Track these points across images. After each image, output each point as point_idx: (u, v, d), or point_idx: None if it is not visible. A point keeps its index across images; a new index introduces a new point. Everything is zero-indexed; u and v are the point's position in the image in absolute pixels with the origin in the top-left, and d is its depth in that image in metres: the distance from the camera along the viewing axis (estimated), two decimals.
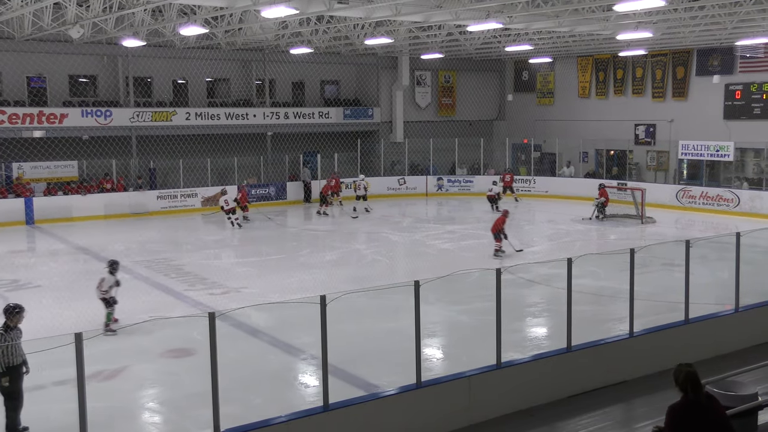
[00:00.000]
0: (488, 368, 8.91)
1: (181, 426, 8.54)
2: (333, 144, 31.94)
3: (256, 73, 31.38)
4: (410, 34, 26.67)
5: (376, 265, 18.19)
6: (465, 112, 36.81)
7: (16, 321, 8.54)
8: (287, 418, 7.60)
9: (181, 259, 18.79)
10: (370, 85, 34.36)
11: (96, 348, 6.99)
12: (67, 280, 16.75)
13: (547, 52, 31.85)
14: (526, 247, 20.35)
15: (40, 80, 26.96)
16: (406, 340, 8.52)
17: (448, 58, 33.84)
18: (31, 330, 12.14)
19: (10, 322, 8.52)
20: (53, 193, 25.57)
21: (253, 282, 15.91)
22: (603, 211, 24.59)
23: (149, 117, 27.95)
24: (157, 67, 28.64)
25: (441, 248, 20.30)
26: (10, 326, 8.47)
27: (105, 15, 20.36)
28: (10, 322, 8.52)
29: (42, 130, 25.80)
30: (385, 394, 8.43)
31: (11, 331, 8.42)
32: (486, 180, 32.09)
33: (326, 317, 7.58)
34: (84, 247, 20.50)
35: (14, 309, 8.59)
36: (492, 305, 8.95)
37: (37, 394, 9.64)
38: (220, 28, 23.54)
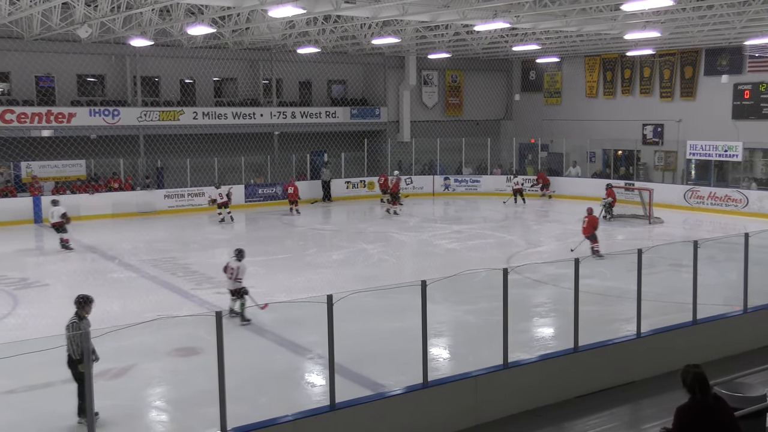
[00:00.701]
0: (495, 368, 8.90)
1: (188, 424, 8.55)
2: (340, 143, 31.96)
3: (263, 73, 31.41)
4: (417, 33, 26.65)
5: (382, 265, 18.18)
6: (472, 112, 36.77)
7: (87, 311, 8.80)
8: (294, 418, 7.61)
9: (188, 258, 18.83)
10: (377, 85, 34.35)
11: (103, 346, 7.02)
12: (74, 279, 16.81)
13: (554, 52, 31.79)
14: (533, 247, 20.33)
15: (48, 80, 27.06)
16: (413, 340, 8.51)
17: (455, 58, 33.81)
18: (38, 328, 12.23)
19: (82, 312, 8.78)
20: (61, 192, 25.64)
21: (260, 281, 15.90)
22: (610, 211, 24.50)
23: (157, 116, 28.02)
24: (164, 66, 28.71)
25: (448, 248, 20.28)
26: (81, 316, 8.73)
27: (113, 15, 20.41)
28: (82, 311, 8.78)
29: (50, 129, 25.90)
30: (391, 394, 8.42)
31: (83, 320, 8.68)
32: (493, 180, 32.09)
33: (333, 316, 7.58)
34: (92, 245, 20.56)
35: (86, 299, 8.84)
36: (499, 305, 8.93)
37: (45, 392, 9.69)
38: (227, 27, 23.58)
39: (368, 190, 31.50)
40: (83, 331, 8.22)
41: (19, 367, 9.32)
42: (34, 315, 13.40)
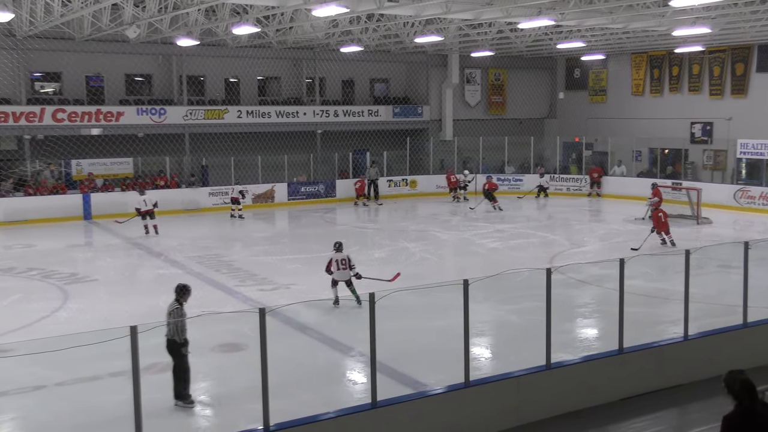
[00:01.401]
0: (537, 369, 8.81)
1: (231, 420, 8.65)
2: (382, 142, 32.02)
3: (306, 72, 31.63)
4: (460, 31, 26.55)
5: (424, 264, 18.15)
6: (515, 110, 36.46)
7: (186, 299, 9.23)
8: (335, 415, 7.64)
9: (231, 255, 19.06)
10: (420, 83, 34.30)
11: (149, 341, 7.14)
12: (122, 275, 17.17)
13: (599, 49, 31.32)
14: (577, 247, 20.08)
15: (98, 79, 27.69)
16: (454, 339, 8.48)
17: (499, 56, 33.56)
18: (87, 322, 12.53)
19: (181, 299, 9.19)
20: (110, 190, 26.20)
21: (302, 278, 16.04)
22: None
23: (202, 115, 28.44)
24: (209, 65, 29.12)
25: (490, 247, 20.15)
26: (181, 303, 9.19)
27: (160, 15, 20.79)
28: (181, 299, 9.20)
29: (99, 128, 26.50)
30: (432, 393, 8.41)
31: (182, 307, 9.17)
32: (536, 178, 31.77)
33: (375, 314, 7.59)
34: (138, 242, 20.96)
35: (185, 288, 9.27)
36: (541, 305, 8.85)
37: (93, 384, 9.91)
38: (271, 27, 23.82)
39: (410, 188, 31.50)
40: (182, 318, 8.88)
41: (68, 360, 9.59)
42: (84, 309, 13.73)
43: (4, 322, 12.70)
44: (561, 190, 31.43)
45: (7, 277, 16.66)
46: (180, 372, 9.04)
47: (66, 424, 8.74)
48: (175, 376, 9.07)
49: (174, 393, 9.02)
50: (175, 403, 9.01)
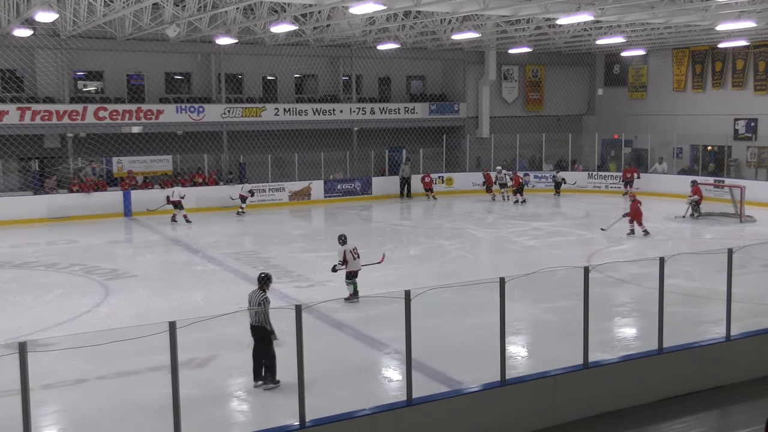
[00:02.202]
0: (575, 368, 8.71)
1: (268, 415, 8.72)
2: (418, 139, 31.95)
3: (343, 69, 31.71)
4: (497, 28, 26.35)
5: (460, 261, 18.07)
6: (553, 107, 36.09)
7: (268, 287, 9.85)
8: (371, 412, 7.65)
9: (268, 252, 19.20)
10: (456, 80, 34.15)
11: (187, 337, 7.22)
12: (161, 271, 17.41)
13: (640, 45, 30.83)
14: (615, 245, 19.81)
15: (138, 78, 28.13)
16: (490, 337, 8.43)
17: (536, 52, 33.23)
18: (127, 317, 12.74)
19: (266, 288, 9.79)
20: (149, 187, 26.60)
21: (338, 276, 16.05)
22: (698, 209, 23.58)
23: (240, 113, 28.71)
24: (247, 64, 29.37)
25: (526, 245, 19.99)
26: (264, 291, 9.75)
27: (199, 14, 21.03)
28: (266, 287, 9.79)
29: (140, 125, 26.93)
30: (468, 391, 8.37)
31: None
32: (574, 176, 31.42)
33: (410, 312, 7.58)
34: (177, 238, 21.24)
35: (267, 277, 9.93)
36: (578, 304, 8.74)
37: (132, 379, 10.08)
38: (308, 24, 23.93)
39: (446, 186, 31.39)
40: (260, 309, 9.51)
41: (109, 354, 9.75)
42: (124, 304, 13.96)
43: (48, 317, 12.99)
44: (599, 188, 31.01)
45: (50, 272, 17.03)
46: (268, 357, 9.57)
47: (106, 417, 8.90)
48: (256, 359, 9.63)
49: (253, 376, 9.60)
50: (256, 384, 9.60)
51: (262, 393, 9.65)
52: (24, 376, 6.13)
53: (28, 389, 6.16)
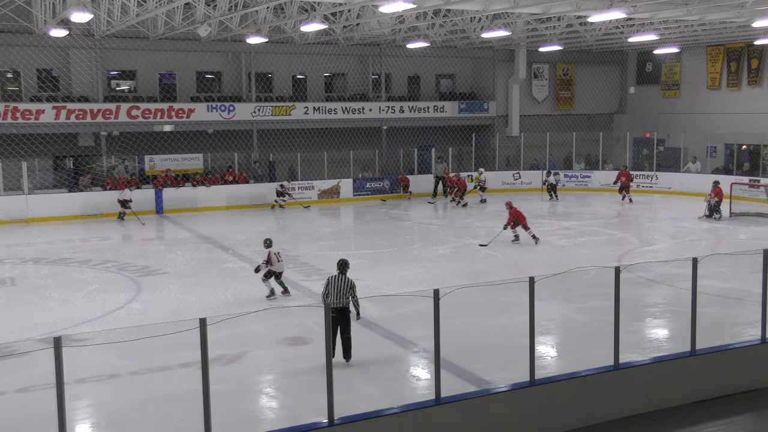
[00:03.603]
0: (605, 369, 8.63)
1: (296, 412, 8.77)
2: (447, 138, 31.87)
3: (372, 68, 31.75)
4: (528, 26, 26.19)
5: (489, 260, 17.99)
6: (584, 106, 35.77)
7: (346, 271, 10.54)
8: (399, 410, 7.65)
9: (298, 250, 19.28)
10: (486, 79, 33.99)
11: (217, 333, 7.29)
12: (191, 268, 17.58)
13: (673, 42, 30.39)
14: (646, 245, 19.57)
15: (170, 77, 28.46)
16: (519, 337, 8.38)
17: (567, 50, 32.96)
18: (159, 314, 12.89)
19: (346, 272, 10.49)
20: (180, 185, 26.90)
21: (367, 274, 16.09)
22: (718, 210, 23.07)
23: (269, 111, 28.89)
24: (277, 62, 29.55)
25: (556, 244, 19.83)
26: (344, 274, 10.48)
27: (230, 13, 21.21)
28: (346, 271, 10.49)
29: (171, 124, 27.24)
30: (497, 391, 8.33)
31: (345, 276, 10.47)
32: (604, 175, 31.11)
33: (439, 311, 7.57)
34: (207, 236, 21.44)
35: (345, 262, 10.61)
36: (609, 304, 8.66)
37: (163, 374, 10.20)
38: (338, 23, 23.99)
39: (476, 184, 31.25)
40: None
41: (141, 350, 9.90)
42: (155, 301, 14.13)
43: (82, 312, 13.20)
44: (631, 187, 30.62)
45: (84, 268, 17.30)
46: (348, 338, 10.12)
47: (138, 411, 9.01)
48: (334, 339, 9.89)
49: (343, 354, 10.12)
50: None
51: (290, 390, 9.71)
52: (59, 370, 6.24)
53: (62, 383, 6.26)
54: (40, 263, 17.96)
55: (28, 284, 15.86)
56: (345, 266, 10.58)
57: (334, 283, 10.37)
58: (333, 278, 10.45)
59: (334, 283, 10.39)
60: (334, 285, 10.36)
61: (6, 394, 9.47)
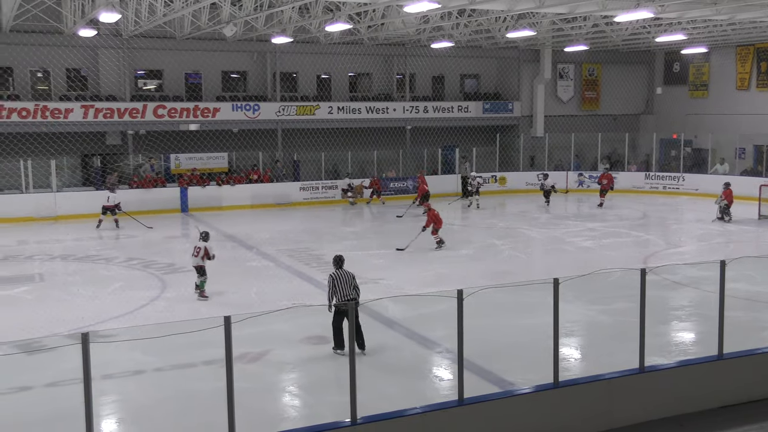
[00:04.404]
0: (630, 372, 8.54)
1: (319, 411, 8.78)
2: (472, 138, 31.78)
3: (396, 68, 31.75)
4: (553, 26, 26.03)
5: (512, 261, 17.91)
6: (610, 106, 35.48)
7: (341, 266, 10.78)
8: (422, 410, 7.64)
9: (321, 249, 19.33)
10: (511, 79, 33.84)
11: (241, 331, 7.34)
12: (215, 266, 17.66)
13: (702, 42, 30.01)
14: (673, 247, 19.35)
15: (196, 76, 28.69)
16: (543, 338, 8.33)
17: (593, 50, 32.69)
18: (183, 311, 13.00)
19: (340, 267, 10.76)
20: (206, 184, 27.11)
21: (390, 273, 16.12)
22: (728, 212, 22.69)
23: (294, 111, 29.01)
24: (302, 62, 29.67)
25: (581, 246, 19.69)
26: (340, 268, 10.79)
27: (256, 13, 21.32)
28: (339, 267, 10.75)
29: (197, 123, 27.46)
30: (520, 392, 8.29)
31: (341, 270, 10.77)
32: (630, 176, 30.82)
33: (462, 311, 7.55)
34: (232, 235, 21.58)
35: (341, 258, 10.85)
36: (634, 306, 8.56)
37: (188, 371, 10.28)
38: (363, 23, 24.02)
39: (500, 185, 31.17)
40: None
41: (166, 347, 9.98)
42: (180, 298, 14.25)
43: (108, 309, 13.35)
44: (657, 189, 30.35)
45: (111, 266, 17.51)
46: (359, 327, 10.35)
47: (163, 407, 9.10)
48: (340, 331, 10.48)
49: (336, 344, 10.53)
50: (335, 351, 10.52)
51: (313, 389, 9.74)
52: (86, 366, 6.31)
53: (90, 378, 6.33)
54: (68, 260, 18.20)
55: (57, 281, 16.10)
56: (342, 261, 10.86)
57: (340, 279, 10.59)
58: (336, 275, 10.64)
59: (339, 278, 10.59)
60: (340, 280, 10.57)
61: (35, 389, 9.62)
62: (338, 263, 10.81)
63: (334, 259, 10.91)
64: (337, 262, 10.85)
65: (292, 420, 8.64)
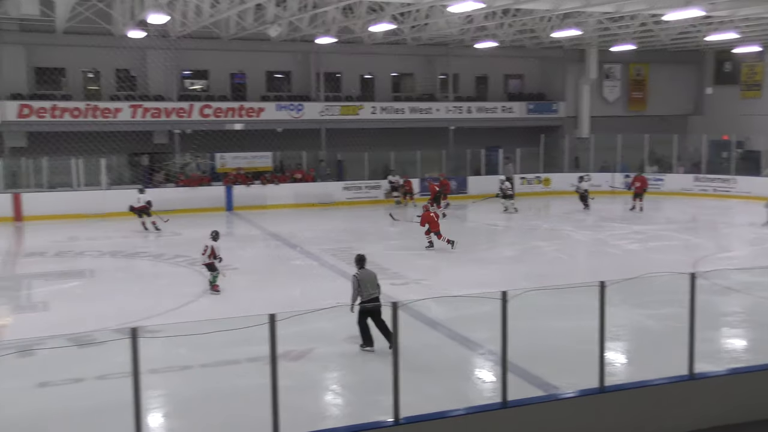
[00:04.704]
0: (679, 378, 8.35)
1: (361, 410, 8.80)
2: (515, 139, 31.53)
3: (440, 68, 31.67)
4: (600, 25, 25.68)
5: (556, 263, 17.70)
6: (657, 107, 34.85)
7: (364, 266, 11.00)
8: (465, 412, 7.60)
9: (364, 249, 19.29)
10: (556, 79, 33.49)
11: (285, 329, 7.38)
12: (260, 264, 17.89)
13: (755, 40, 29.25)
14: (722, 252, 18.91)
15: (241, 76, 29.05)
16: (586, 342, 8.21)
17: (641, 50, 32.12)
18: (228, 308, 13.15)
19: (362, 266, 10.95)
20: (250, 183, 27.41)
21: (433, 274, 16.08)
22: None
23: (337, 111, 29.16)
24: (346, 62, 29.81)
25: (627, 248, 19.37)
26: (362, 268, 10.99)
27: (300, 14, 21.48)
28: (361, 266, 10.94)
29: (242, 123, 27.79)
30: (564, 396, 8.19)
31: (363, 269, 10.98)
32: (678, 178, 30.22)
33: (507, 313, 7.48)
34: (275, 233, 21.77)
35: (362, 257, 11.06)
36: (682, 312, 8.37)
37: (232, 368, 10.40)
38: (406, 23, 24.02)
39: (543, 186, 30.87)
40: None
41: (211, 343, 10.10)
42: (225, 296, 14.42)
43: (154, 305, 13.58)
44: (706, 191, 29.68)
45: (157, 262, 17.82)
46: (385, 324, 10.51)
47: (208, 403, 9.21)
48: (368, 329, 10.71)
49: (366, 342, 10.70)
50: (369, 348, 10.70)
51: (356, 388, 9.77)
52: (135, 360, 6.42)
53: (138, 372, 6.44)
54: (116, 256, 18.58)
55: (106, 276, 16.45)
56: (365, 260, 11.10)
57: (365, 278, 10.76)
58: (361, 274, 10.80)
59: (364, 278, 10.76)
60: (366, 279, 10.74)
61: (85, 381, 9.83)
62: (361, 263, 10.99)
63: (357, 259, 11.09)
64: (359, 261, 11.02)
65: (335, 418, 8.68)
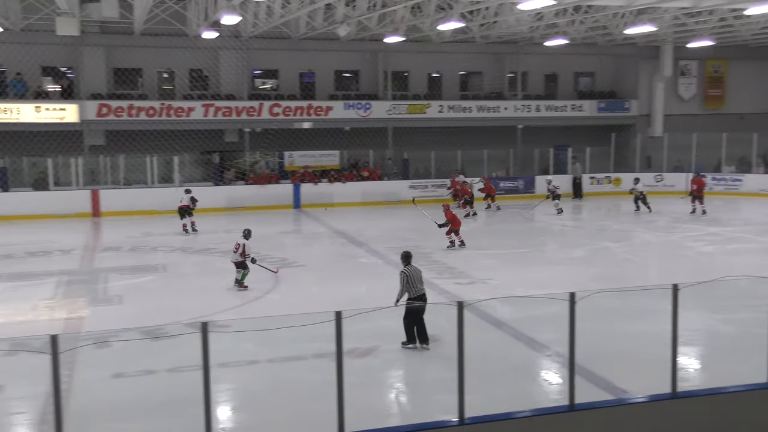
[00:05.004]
0: (757, 386, 8.04)
1: (425, 409, 8.79)
2: (585, 137, 30.94)
3: (508, 66, 31.34)
4: (676, 21, 24.95)
5: (626, 265, 17.30)
6: (736, 105, 33.62)
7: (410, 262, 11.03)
8: (531, 414, 7.51)
9: (429, 248, 19.36)
10: (628, 77, 32.69)
11: (351, 326, 7.44)
12: (327, 262, 18.07)
13: None
14: None
15: (310, 76, 29.42)
16: (656, 345, 8.01)
17: (719, 46, 31.02)
18: (294, 305, 13.35)
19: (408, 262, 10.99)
20: (318, 181, 27.72)
21: (499, 274, 15.95)
22: None
23: (405, 110, 29.20)
24: (413, 61, 29.82)
25: (701, 251, 18.77)
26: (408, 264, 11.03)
27: (369, 13, 21.60)
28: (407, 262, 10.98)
29: (310, 121, 28.15)
30: (635, 401, 8.00)
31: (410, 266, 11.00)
32: (757, 179, 29.09)
33: (575, 315, 7.36)
34: (342, 231, 21.96)
35: (408, 254, 11.11)
36: (761, 316, 8.09)
37: (299, 363, 10.55)
38: (475, 21, 23.87)
39: (614, 186, 30.19)
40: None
41: (278, 339, 10.28)
42: (292, 292, 14.65)
43: (224, 300, 13.91)
44: None
45: (227, 259, 18.16)
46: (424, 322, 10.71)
47: (274, 397, 9.37)
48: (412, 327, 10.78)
49: (411, 339, 10.78)
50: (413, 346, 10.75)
51: (419, 386, 9.77)
52: (205, 353, 6.57)
53: (208, 366, 6.59)
54: (187, 252, 19.09)
55: (177, 271, 16.93)
56: (411, 256, 11.14)
57: (413, 274, 10.80)
58: (409, 270, 10.83)
59: (412, 274, 10.79)
60: (413, 276, 10.78)
61: (158, 373, 10.14)
62: (407, 259, 11.01)
63: (403, 255, 11.12)
64: (405, 258, 11.04)
65: (399, 416, 8.70)
